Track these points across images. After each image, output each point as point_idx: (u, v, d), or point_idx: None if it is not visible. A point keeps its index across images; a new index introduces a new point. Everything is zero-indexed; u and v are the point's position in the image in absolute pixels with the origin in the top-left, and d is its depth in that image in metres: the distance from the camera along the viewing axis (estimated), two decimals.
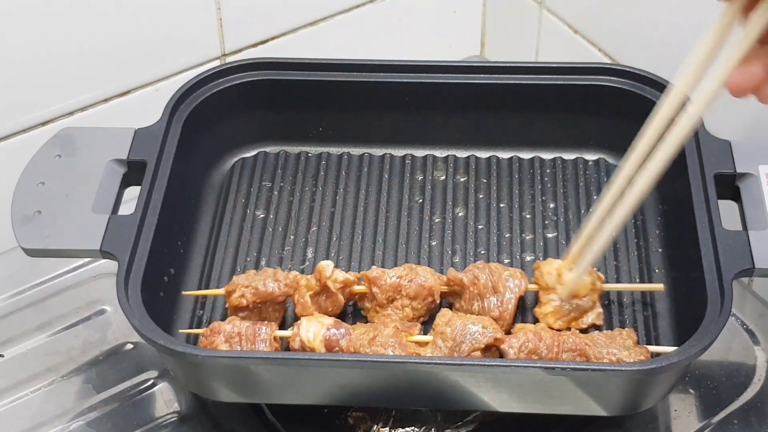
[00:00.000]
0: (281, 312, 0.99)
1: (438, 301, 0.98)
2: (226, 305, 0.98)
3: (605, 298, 1.00)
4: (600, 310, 0.97)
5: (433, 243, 1.07)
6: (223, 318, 0.98)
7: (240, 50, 1.23)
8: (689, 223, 0.96)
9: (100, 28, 1.11)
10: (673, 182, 1.03)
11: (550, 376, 0.84)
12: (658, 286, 0.98)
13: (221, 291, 0.99)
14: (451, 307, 0.99)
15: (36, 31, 1.08)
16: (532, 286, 0.98)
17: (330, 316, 0.96)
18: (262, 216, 1.11)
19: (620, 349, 0.91)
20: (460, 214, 1.10)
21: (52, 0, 1.07)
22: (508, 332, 0.94)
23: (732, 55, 0.73)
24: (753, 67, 0.72)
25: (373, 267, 1.00)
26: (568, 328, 0.96)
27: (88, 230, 0.94)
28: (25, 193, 0.97)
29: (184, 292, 1.01)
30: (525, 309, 1.00)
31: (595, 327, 0.97)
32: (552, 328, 0.95)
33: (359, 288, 0.98)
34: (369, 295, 0.98)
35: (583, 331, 0.96)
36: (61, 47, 1.09)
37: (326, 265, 0.96)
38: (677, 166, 1.00)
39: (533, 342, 0.91)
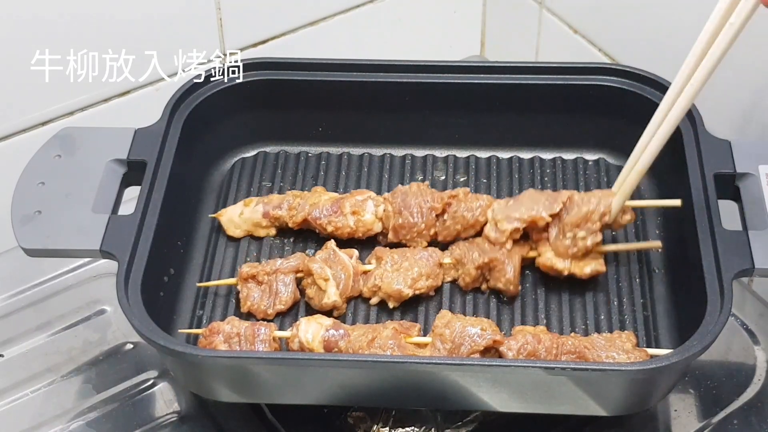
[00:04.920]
0: (291, 295, 0.99)
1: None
2: (236, 281, 1.01)
3: (606, 298, 1.00)
4: (601, 259, 0.99)
5: None
6: (223, 318, 0.98)
7: (240, 50, 1.23)
8: (689, 223, 0.96)
9: (100, 27, 1.11)
10: (673, 182, 1.03)
11: (550, 376, 0.84)
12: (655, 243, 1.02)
13: (233, 280, 1.01)
14: (455, 281, 1.01)
15: (36, 32, 1.08)
16: (532, 253, 1.00)
17: (345, 291, 0.98)
18: None
19: (619, 352, 0.91)
20: None
21: (52, 1, 1.07)
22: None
23: None
24: None
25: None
26: (573, 276, 0.98)
27: (88, 230, 0.94)
28: (25, 193, 0.97)
29: (198, 284, 1.03)
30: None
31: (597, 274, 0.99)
32: (559, 272, 0.97)
33: (366, 267, 1.02)
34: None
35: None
36: (60, 47, 1.09)
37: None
38: (677, 166, 1.01)
39: (532, 344, 0.91)
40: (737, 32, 0.82)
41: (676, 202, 0.97)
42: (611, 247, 1.01)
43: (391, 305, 0.99)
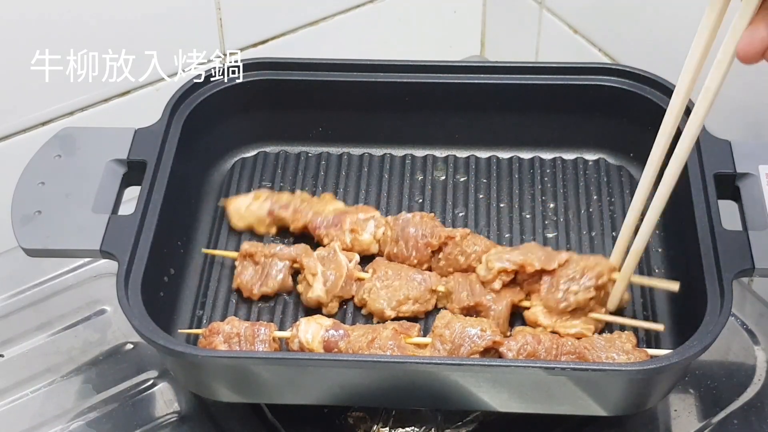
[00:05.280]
0: (280, 281, 0.99)
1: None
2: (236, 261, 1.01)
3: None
4: (591, 326, 0.95)
5: None
6: (223, 318, 0.98)
7: (240, 50, 1.23)
8: (689, 223, 0.96)
9: (100, 27, 1.11)
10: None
11: (550, 376, 0.84)
12: (659, 326, 0.95)
13: (235, 254, 1.02)
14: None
15: (36, 32, 1.08)
16: (526, 302, 0.98)
17: (333, 290, 0.98)
18: None
19: (619, 352, 0.90)
20: (460, 215, 1.10)
21: (52, 1, 1.07)
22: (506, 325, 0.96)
23: (738, 22, 0.73)
24: (760, 31, 0.72)
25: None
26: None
27: (88, 230, 0.94)
28: (25, 193, 0.97)
29: (203, 250, 1.05)
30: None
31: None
32: (544, 328, 0.95)
33: (362, 274, 1.01)
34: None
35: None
36: (60, 47, 1.09)
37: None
38: None
39: (532, 345, 0.91)
40: (713, 96, 0.79)
41: (674, 286, 0.93)
42: (606, 318, 0.96)
43: (375, 321, 0.99)
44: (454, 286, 0.98)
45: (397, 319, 0.98)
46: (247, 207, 1.06)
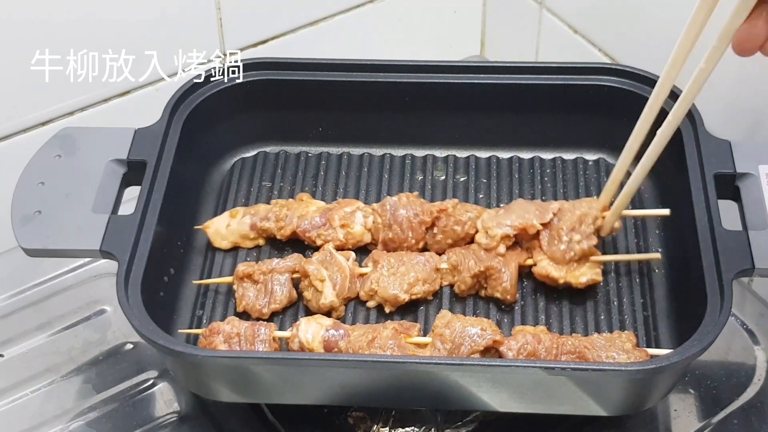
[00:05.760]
0: (286, 294, 0.99)
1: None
2: (232, 279, 1.00)
3: (606, 298, 1.00)
4: (598, 269, 0.98)
5: None
6: (223, 318, 0.98)
7: (240, 50, 1.23)
8: (689, 223, 0.96)
9: (100, 27, 1.11)
10: (673, 182, 1.03)
11: (550, 376, 0.84)
12: (655, 255, 1.01)
13: (230, 279, 1.01)
14: (451, 286, 1.01)
15: (36, 32, 1.08)
16: (529, 261, 1.00)
17: (342, 292, 0.98)
18: None
19: (619, 352, 0.91)
20: None
21: (52, 1, 1.07)
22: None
23: (736, 15, 0.74)
24: (758, 26, 0.73)
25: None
26: (570, 286, 0.97)
27: (88, 230, 0.94)
28: (25, 193, 0.97)
29: (194, 281, 1.03)
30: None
31: (594, 284, 0.99)
32: (555, 280, 0.97)
33: (363, 269, 1.01)
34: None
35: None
36: (60, 47, 1.09)
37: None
38: (677, 166, 1.01)
39: (532, 344, 0.91)
40: (707, 76, 0.81)
41: (665, 212, 0.98)
42: (609, 258, 1.01)
43: (387, 310, 0.99)
44: (459, 258, 0.99)
45: (408, 302, 0.99)
46: (226, 227, 1.05)
